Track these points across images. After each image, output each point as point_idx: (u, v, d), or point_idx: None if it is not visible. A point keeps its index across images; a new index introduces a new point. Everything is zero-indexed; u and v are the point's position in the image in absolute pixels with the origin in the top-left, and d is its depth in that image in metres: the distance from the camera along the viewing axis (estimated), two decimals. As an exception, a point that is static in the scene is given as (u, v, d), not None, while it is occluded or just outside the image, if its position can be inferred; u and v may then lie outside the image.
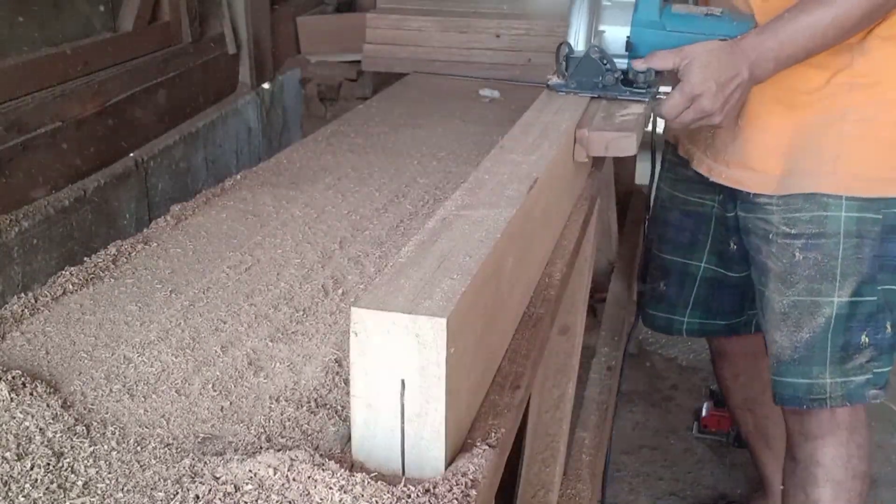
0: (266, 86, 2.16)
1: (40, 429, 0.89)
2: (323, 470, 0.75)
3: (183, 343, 1.09)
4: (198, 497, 0.75)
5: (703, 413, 2.48)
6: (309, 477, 0.74)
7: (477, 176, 1.11)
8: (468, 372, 0.82)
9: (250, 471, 0.76)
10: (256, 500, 0.73)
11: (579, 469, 1.76)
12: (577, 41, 1.52)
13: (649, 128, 1.55)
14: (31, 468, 0.83)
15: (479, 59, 2.56)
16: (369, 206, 1.55)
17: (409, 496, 0.73)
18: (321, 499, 0.72)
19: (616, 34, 1.53)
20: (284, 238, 1.41)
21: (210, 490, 0.75)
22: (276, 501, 0.72)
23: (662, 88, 1.54)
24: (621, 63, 1.51)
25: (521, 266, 1.03)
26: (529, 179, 1.09)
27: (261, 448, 0.88)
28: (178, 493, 0.78)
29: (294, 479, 0.74)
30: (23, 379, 0.97)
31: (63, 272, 1.28)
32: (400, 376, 0.76)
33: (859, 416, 1.67)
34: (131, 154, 1.62)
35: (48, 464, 0.84)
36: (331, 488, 0.73)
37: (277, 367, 1.04)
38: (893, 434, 2.64)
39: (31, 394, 0.95)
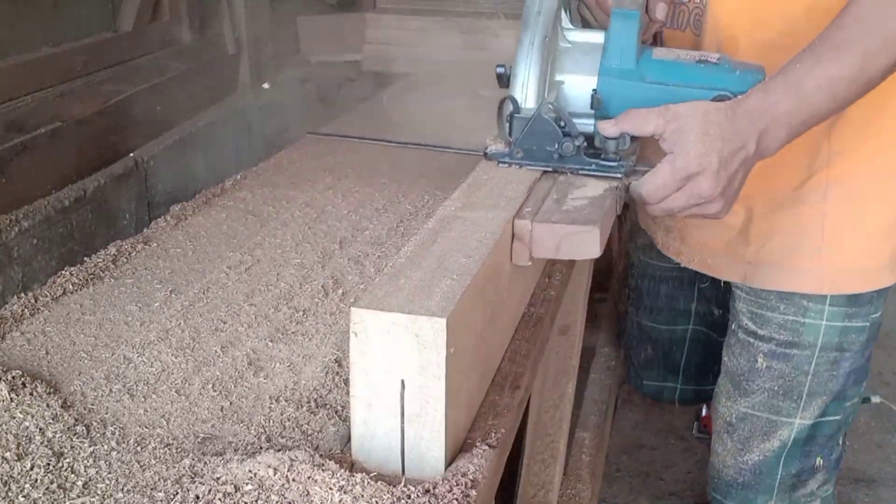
0: (266, 86, 2.16)
1: (40, 429, 0.89)
2: (323, 470, 0.75)
3: (183, 343, 1.09)
4: (198, 497, 0.75)
5: (703, 413, 2.48)
6: (309, 477, 0.74)
7: (476, 177, 1.11)
8: (468, 372, 0.83)
9: (250, 471, 0.76)
10: (256, 501, 0.73)
11: (579, 469, 1.76)
12: (526, 95, 1.13)
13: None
14: (31, 468, 0.83)
15: (479, 59, 2.56)
16: (369, 206, 1.55)
17: (409, 496, 0.73)
18: (321, 499, 0.72)
19: (578, 86, 1.16)
20: (284, 238, 1.41)
21: (210, 490, 0.75)
22: (276, 502, 0.72)
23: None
24: (585, 125, 1.13)
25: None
26: (529, 180, 1.09)
27: (261, 448, 0.88)
28: (178, 493, 0.78)
29: (294, 480, 0.74)
30: (23, 379, 0.97)
31: (63, 272, 1.28)
32: (400, 376, 0.76)
33: None
34: (131, 154, 1.62)
35: (48, 464, 0.84)
36: (331, 488, 0.73)
37: (277, 367, 1.04)
38: (894, 434, 2.64)
39: (31, 394, 0.95)
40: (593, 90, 1.14)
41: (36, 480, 0.81)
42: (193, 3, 1.88)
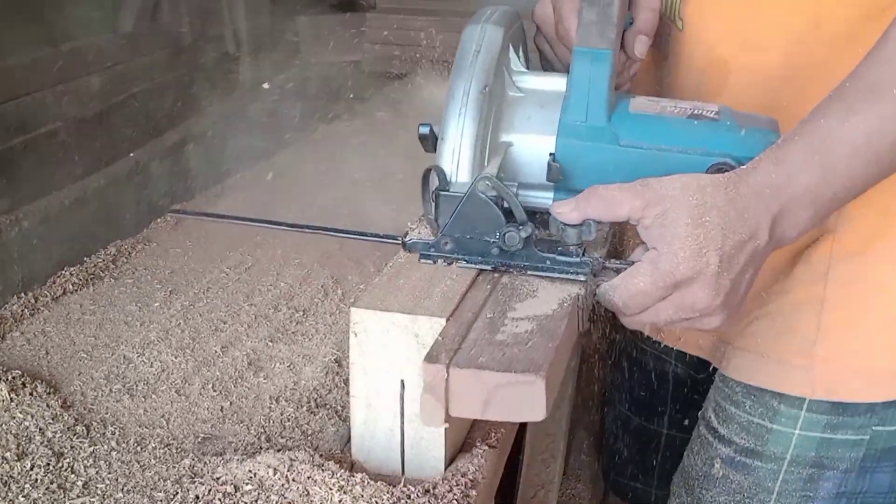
0: (266, 86, 2.16)
1: (40, 429, 0.89)
2: (323, 470, 0.75)
3: (183, 343, 1.09)
4: (198, 497, 0.75)
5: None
6: (309, 477, 0.74)
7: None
8: None
9: (250, 471, 0.76)
10: (256, 501, 0.73)
11: (579, 469, 1.76)
12: (457, 165, 0.84)
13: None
14: (31, 468, 0.83)
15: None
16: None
17: (409, 496, 0.74)
18: (321, 499, 0.72)
19: (531, 150, 0.87)
20: (284, 238, 1.41)
21: (210, 490, 0.75)
22: (276, 502, 0.72)
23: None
24: (541, 201, 0.86)
25: None
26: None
27: (261, 448, 0.88)
28: (177, 493, 0.78)
29: (294, 480, 0.74)
30: (23, 379, 0.97)
31: (63, 272, 1.28)
32: (399, 376, 0.76)
33: None
34: (131, 154, 1.62)
35: (48, 464, 0.84)
36: (331, 489, 0.73)
37: (277, 367, 1.04)
38: (893, 434, 2.63)
39: (31, 394, 0.95)
40: (551, 155, 0.85)
41: (36, 480, 0.81)
42: (193, 3, 1.88)
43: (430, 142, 0.88)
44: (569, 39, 0.94)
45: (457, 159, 0.84)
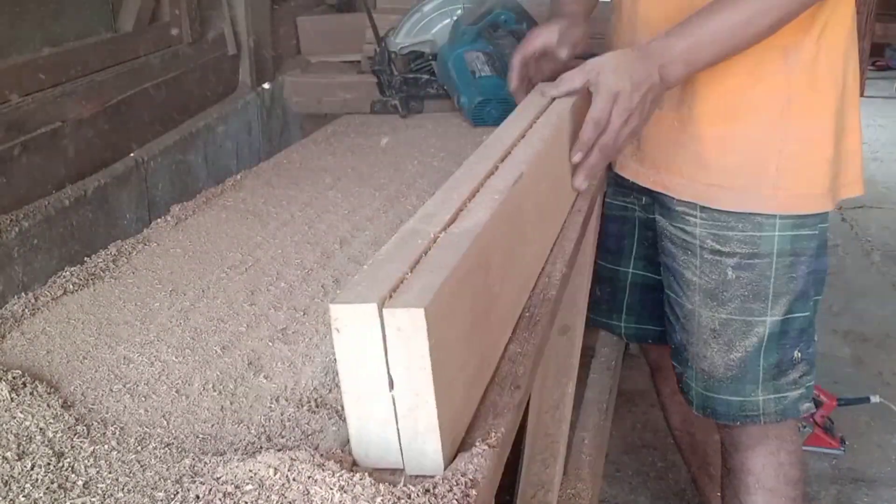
0: (266, 86, 2.16)
1: (41, 429, 0.89)
2: (323, 470, 0.75)
3: (183, 343, 1.09)
4: (198, 497, 0.75)
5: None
6: (309, 477, 0.74)
7: (462, 171, 1.09)
8: (460, 365, 0.82)
9: (250, 471, 0.76)
10: (257, 500, 0.73)
11: (579, 469, 1.76)
12: None
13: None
14: (32, 468, 0.83)
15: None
16: (369, 206, 1.55)
17: (409, 496, 0.73)
18: (321, 499, 0.72)
19: None
20: (284, 238, 1.41)
21: (210, 490, 0.75)
22: (277, 501, 0.72)
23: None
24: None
25: (511, 260, 1.03)
26: (515, 173, 1.08)
27: (261, 448, 0.88)
28: (178, 492, 0.78)
29: (294, 479, 0.74)
30: (23, 379, 0.97)
31: (63, 272, 1.28)
32: (386, 371, 0.76)
33: (788, 424, 1.64)
34: (131, 154, 1.62)
35: (49, 464, 0.84)
36: (331, 488, 0.73)
37: (277, 367, 1.04)
38: (893, 434, 2.64)
39: (32, 394, 0.95)
40: None
41: (36, 480, 0.81)
42: (193, 3, 1.88)
43: None
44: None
45: None
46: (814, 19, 1.38)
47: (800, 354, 1.55)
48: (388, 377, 0.76)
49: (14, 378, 0.97)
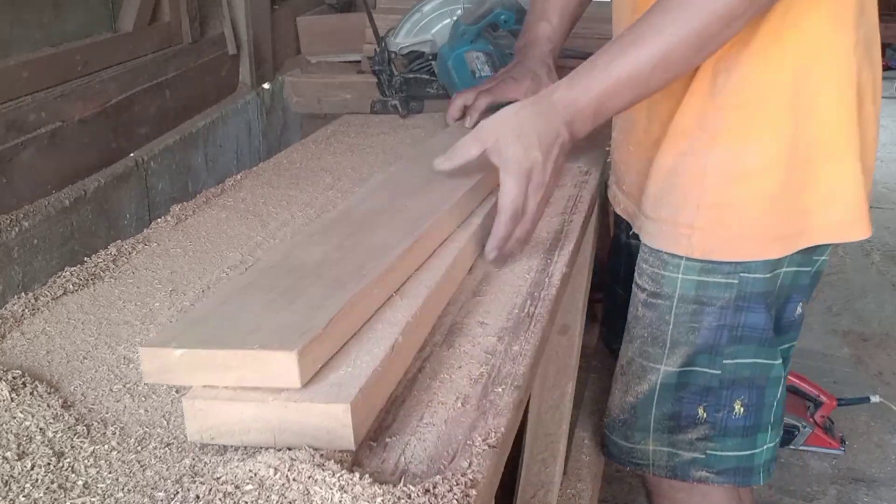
0: (266, 86, 2.16)
1: (41, 429, 0.89)
2: (323, 470, 0.75)
3: (183, 343, 1.09)
4: (198, 497, 0.75)
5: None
6: (309, 477, 0.74)
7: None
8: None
9: (250, 470, 0.76)
10: (257, 500, 0.73)
11: (579, 469, 1.77)
12: None
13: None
14: (32, 468, 0.83)
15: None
16: (369, 206, 1.54)
17: (409, 496, 0.74)
18: (321, 498, 0.72)
19: None
20: (284, 238, 1.41)
21: (210, 490, 0.75)
22: (277, 501, 0.73)
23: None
24: None
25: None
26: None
27: (261, 447, 0.88)
28: (178, 492, 0.78)
29: (294, 479, 0.74)
30: (23, 379, 0.97)
31: (63, 272, 1.28)
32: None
33: (724, 488, 1.43)
34: (131, 154, 1.62)
35: (49, 463, 0.84)
36: (331, 488, 0.73)
37: (277, 367, 1.04)
38: (893, 434, 2.64)
39: (32, 394, 0.95)
40: None
41: (36, 480, 0.81)
42: (193, 3, 1.88)
43: None
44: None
45: None
46: (754, 33, 1.20)
47: (705, 415, 1.37)
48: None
49: (14, 378, 0.97)
